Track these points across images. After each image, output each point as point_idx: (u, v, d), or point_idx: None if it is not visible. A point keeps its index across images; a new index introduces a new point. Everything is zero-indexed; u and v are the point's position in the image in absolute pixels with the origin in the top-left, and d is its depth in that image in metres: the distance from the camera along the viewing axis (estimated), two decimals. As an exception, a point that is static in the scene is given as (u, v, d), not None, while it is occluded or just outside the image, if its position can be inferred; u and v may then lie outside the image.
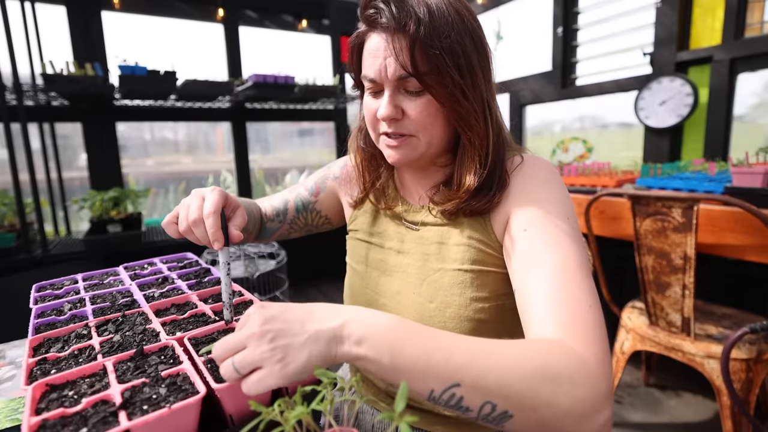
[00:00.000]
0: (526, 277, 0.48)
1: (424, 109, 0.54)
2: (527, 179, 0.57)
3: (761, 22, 1.79)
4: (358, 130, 0.70)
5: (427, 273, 0.61)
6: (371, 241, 0.69)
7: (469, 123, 0.55)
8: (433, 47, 0.50)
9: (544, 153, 2.74)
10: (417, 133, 0.56)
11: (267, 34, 3.06)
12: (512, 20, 2.82)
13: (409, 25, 0.50)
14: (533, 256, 0.49)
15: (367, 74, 0.56)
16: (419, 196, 0.66)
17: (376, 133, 0.60)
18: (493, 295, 0.58)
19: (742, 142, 1.89)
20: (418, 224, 0.64)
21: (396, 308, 0.63)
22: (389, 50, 0.52)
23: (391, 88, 0.54)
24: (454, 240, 0.60)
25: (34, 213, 1.93)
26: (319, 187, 0.79)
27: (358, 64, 0.60)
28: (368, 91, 0.58)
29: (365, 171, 0.69)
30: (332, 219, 0.82)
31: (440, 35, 0.50)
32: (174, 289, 0.66)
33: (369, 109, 0.58)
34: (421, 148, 0.57)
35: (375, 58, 0.54)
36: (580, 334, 0.41)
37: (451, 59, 0.51)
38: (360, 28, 0.58)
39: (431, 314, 0.59)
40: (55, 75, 1.90)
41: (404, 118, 0.56)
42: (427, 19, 0.50)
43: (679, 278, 1.20)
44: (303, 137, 3.58)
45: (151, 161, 2.91)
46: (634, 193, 1.25)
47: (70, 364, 0.44)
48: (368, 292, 0.67)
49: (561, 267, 0.47)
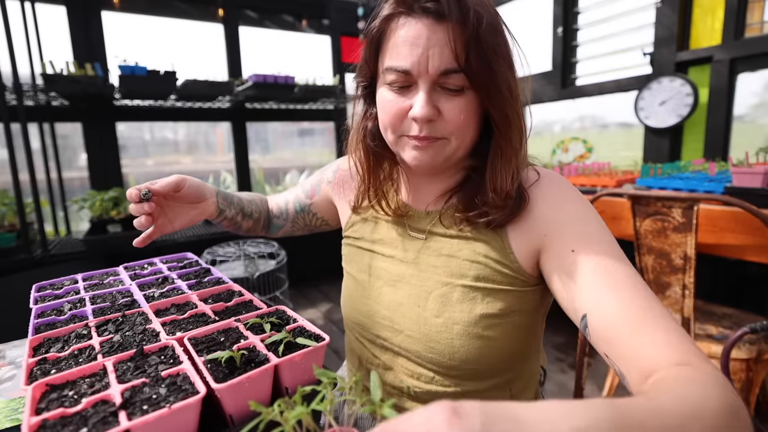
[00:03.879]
0: (602, 302, 0.45)
1: (462, 109, 0.50)
2: (556, 198, 0.54)
3: (761, 22, 1.79)
4: (363, 129, 0.63)
5: (434, 286, 0.58)
6: (372, 249, 0.66)
7: (510, 121, 0.52)
8: (488, 42, 0.47)
9: (544, 153, 2.74)
10: (450, 135, 0.52)
11: (267, 34, 3.06)
12: (512, 20, 2.82)
13: (470, 17, 0.46)
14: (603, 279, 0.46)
15: (399, 65, 0.49)
16: (427, 203, 0.62)
17: (397, 134, 0.54)
18: (503, 313, 0.55)
19: (742, 142, 1.89)
20: (424, 233, 0.61)
21: (398, 320, 0.61)
22: (436, 40, 0.47)
23: (429, 83, 0.49)
24: (466, 255, 0.57)
25: (34, 213, 1.93)
26: (314, 191, 0.78)
27: (375, 52, 0.54)
28: (392, 85, 0.52)
29: (368, 174, 0.63)
30: (329, 221, 0.81)
31: (494, 31, 0.48)
32: (174, 289, 0.66)
33: (394, 106, 0.52)
34: (449, 151, 0.53)
35: (414, 47, 0.48)
36: (688, 348, 0.39)
37: (500, 55, 0.49)
38: (386, 11, 0.51)
39: (437, 329, 0.57)
40: (55, 75, 1.90)
41: (439, 119, 0.51)
42: (485, 12, 0.47)
43: (679, 278, 1.20)
44: (303, 137, 3.58)
45: (151, 161, 2.90)
46: (634, 193, 1.25)
47: (70, 364, 0.44)
48: (370, 302, 0.64)
49: (634, 287, 0.45)
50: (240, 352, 0.43)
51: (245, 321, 0.52)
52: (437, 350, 0.57)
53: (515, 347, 0.58)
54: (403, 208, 0.63)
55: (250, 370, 0.41)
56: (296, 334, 0.48)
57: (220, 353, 0.42)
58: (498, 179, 0.53)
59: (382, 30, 0.52)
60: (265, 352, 0.44)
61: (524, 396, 0.64)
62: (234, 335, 0.49)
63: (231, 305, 0.59)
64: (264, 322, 0.51)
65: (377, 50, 0.54)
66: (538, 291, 0.57)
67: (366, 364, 0.68)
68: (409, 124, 0.52)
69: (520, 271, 0.55)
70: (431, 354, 0.58)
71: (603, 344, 0.45)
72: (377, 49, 0.54)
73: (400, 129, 0.54)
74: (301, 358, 0.44)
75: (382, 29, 0.52)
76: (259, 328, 0.50)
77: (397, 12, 0.50)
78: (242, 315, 0.54)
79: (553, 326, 2.24)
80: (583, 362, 1.17)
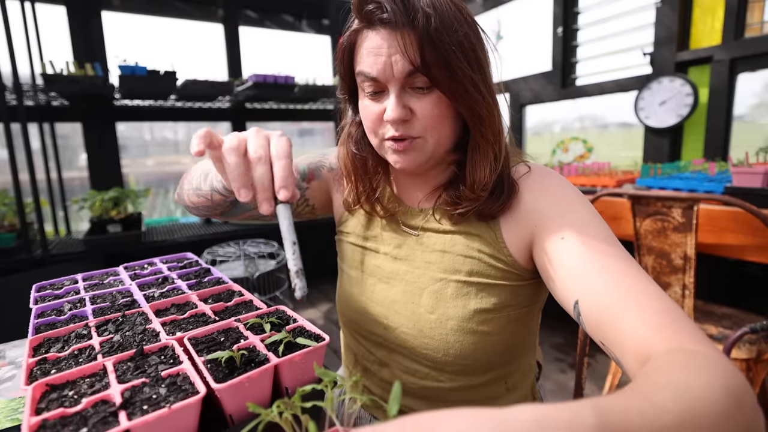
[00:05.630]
0: (592, 286, 0.44)
1: (434, 107, 0.52)
2: (545, 188, 0.55)
3: (761, 22, 1.79)
4: (348, 137, 0.65)
5: (428, 282, 0.59)
6: (366, 245, 0.66)
7: (481, 117, 0.52)
8: (442, 41, 0.48)
9: (544, 153, 2.74)
10: (425, 134, 0.53)
11: (267, 34, 3.06)
12: (512, 20, 2.82)
13: (418, 19, 0.47)
14: (592, 264, 0.45)
15: (368, 73, 0.52)
16: (418, 200, 0.63)
17: (379, 138, 0.56)
18: (497, 308, 0.56)
19: (742, 142, 1.89)
20: (417, 229, 0.61)
21: (392, 317, 0.61)
22: (394, 47, 0.49)
23: (398, 87, 0.51)
24: (460, 250, 0.57)
25: (34, 213, 1.93)
26: (313, 173, 0.72)
27: (349, 65, 0.57)
28: (367, 92, 0.55)
29: (358, 180, 0.64)
30: (317, 210, 0.75)
31: (448, 29, 0.48)
32: (174, 289, 0.66)
33: (371, 112, 0.55)
34: (428, 149, 0.54)
35: (377, 56, 0.51)
36: (685, 329, 0.37)
37: (460, 52, 0.49)
38: (353, 26, 0.54)
39: (431, 326, 0.57)
40: (55, 75, 1.90)
41: (412, 118, 0.53)
42: (433, 12, 0.48)
43: (679, 278, 1.20)
44: (303, 137, 3.58)
45: (151, 161, 2.90)
46: (634, 193, 1.25)
47: (70, 364, 0.44)
48: (363, 299, 0.65)
49: (625, 269, 0.44)
50: (240, 352, 0.43)
51: (245, 321, 0.52)
52: (431, 346, 0.58)
53: (510, 342, 0.58)
54: (395, 206, 0.64)
55: (250, 370, 0.41)
56: (296, 334, 0.48)
57: (220, 353, 0.42)
58: (477, 172, 0.55)
59: (351, 44, 0.55)
60: (265, 352, 0.44)
61: (519, 390, 0.64)
62: (234, 335, 0.49)
63: (231, 305, 0.59)
64: (264, 322, 0.51)
65: (350, 63, 0.56)
66: (532, 285, 0.58)
67: (361, 360, 0.68)
68: (386, 127, 0.54)
69: (514, 264, 0.55)
70: (426, 350, 0.58)
71: (597, 330, 0.44)
72: (350, 62, 0.56)
73: (380, 133, 0.55)
74: (301, 358, 0.44)
75: (350, 43, 0.55)
76: (259, 328, 0.50)
77: (360, 27, 0.53)
78: (242, 315, 0.54)
79: (552, 326, 2.24)
80: (582, 362, 1.17)
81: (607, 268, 0.45)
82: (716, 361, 0.33)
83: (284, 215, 0.44)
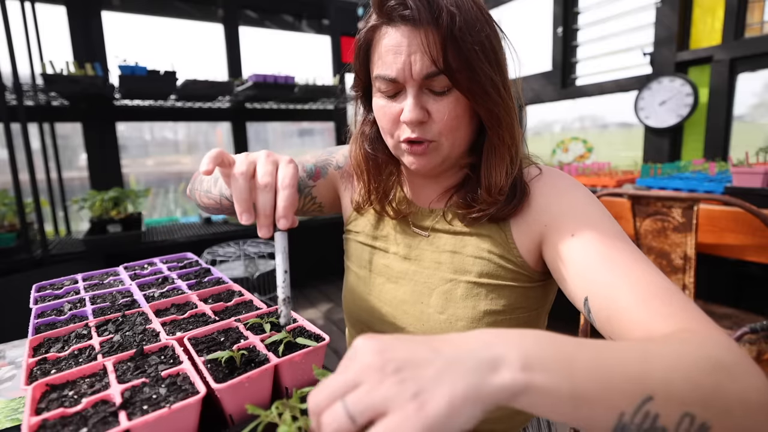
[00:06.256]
0: (602, 281, 0.44)
1: (451, 109, 0.50)
2: (557, 190, 0.54)
3: (761, 22, 1.79)
4: (361, 135, 0.64)
5: (438, 283, 0.58)
6: (375, 245, 0.66)
7: (499, 119, 0.52)
8: (465, 41, 0.47)
9: (544, 153, 2.74)
10: (441, 137, 0.52)
11: (267, 34, 3.06)
12: (512, 20, 2.82)
13: (442, 18, 0.46)
14: (602, 260, 0.45)
15: (386, 74, 0.51)
16: (429, 201, 0.62)
17: (395, 139, 0.55)
18: (507, 309, 0.55)
19: (742, 142, 1.89)
20: (427, 230, 0.61)
21: (400, 317, 0.60)
22: (416, 45, 0.48)
23: (416, 88, 0.50)
24: (470, 251, 0.57)
25: (34, 213, 1.93)
26: (319, 172, 0.71)
27: (365, 63, 0.55)
28: (383, 93, 0.53)
29: (370, 179, 0.63)
30: (325, 207, 0.74)
31: (471, 29, 0.47)
32: (174, 289, 0.66)
33: (387, 112, 0.53)
34: (444, 152, 0.54)
35: (396, 54, 0.49)
36: (693, 316, 0.37)
37: (482, 53, 0.48)
38: (372, 22, 0.52)
39: (441, 327, 0.57)
40: (55, 75, 1.90)
41: (429, 120, 0.51)
42: (458, 12, 0.46)
43: (679, 278, 1.20)
44: (303, 137, 3.58)
45: (151, 161, 2.90)
46: (634, 193, 1.25)
47: (70, 364, 0.44)
48: (371, 299, 0.64)
49: (635, 263, 0.44)
50: (240, 352, 0.43)
51: (245, 321, 0.52)
52: None
53: None
54: (406, 206, 0.63)
55: (250, 370, 0.41)
56: (296, 334, 0.48)
57: (220, 353, 0.42)
58: (492, 175, 0.54)
59: (368, 40, 0.54)
60: (265, 352, 0.44)
61: None
62: (234, 335, 0.49)
63: (231, 305, 0.59)
64: (264, 322, 0.51)
65: (366, 60, 0.55)
66: (541, 287, 0.58)
67: None
68: (403, 128, 0.53)
69: (524, 266, 0.55)
70: None
71: (607, 326, 0.43)
72: (366, 59, 0.55)
73: (397, 133, 0.54)
74: (301, 358, 0.44)
75: (368, 40, 0.54)
76: (259, 328, 0.50)
77: (380, 23, 0.51)
78: (242, 315, 0.54)
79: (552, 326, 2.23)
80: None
81: (617, 262, 0.45)
82: (717, 339, 0.33)
83: (280, 243, 0.47)
